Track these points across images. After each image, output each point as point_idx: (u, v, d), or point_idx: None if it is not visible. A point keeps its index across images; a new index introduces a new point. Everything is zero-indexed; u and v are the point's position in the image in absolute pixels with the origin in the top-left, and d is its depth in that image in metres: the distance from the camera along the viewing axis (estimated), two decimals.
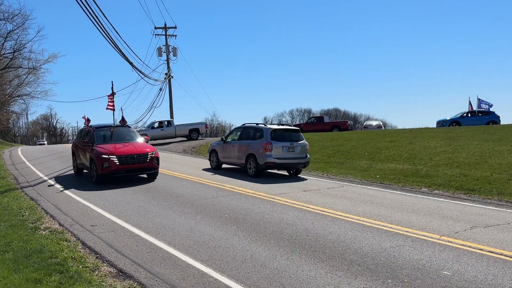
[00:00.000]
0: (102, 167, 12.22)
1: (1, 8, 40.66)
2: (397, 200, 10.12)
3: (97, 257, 6.12)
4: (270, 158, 13.48)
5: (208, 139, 31.29)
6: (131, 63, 20.13)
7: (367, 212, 8.71)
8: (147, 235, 7.10)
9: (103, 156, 12.30)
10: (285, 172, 14.92)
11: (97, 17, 13.54)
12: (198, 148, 25.26)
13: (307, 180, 13.46)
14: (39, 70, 46.34)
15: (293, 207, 9.15)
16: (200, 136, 32.36)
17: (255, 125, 14.89)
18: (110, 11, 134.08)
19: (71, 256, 5.97)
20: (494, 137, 17.87)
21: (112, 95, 18.56)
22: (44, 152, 27.21)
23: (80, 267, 5.59)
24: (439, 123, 30.16)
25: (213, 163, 16.24)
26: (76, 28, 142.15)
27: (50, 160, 20.89)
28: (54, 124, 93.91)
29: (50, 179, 14.10)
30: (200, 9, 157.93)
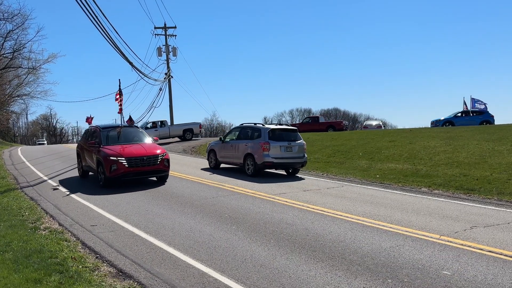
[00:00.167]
0: (110, 169, 11.60)
1: (0, 8, 40.78)
2: (397, 200, 10.13)
3: (97, 257, 6.12)
4: (268, 157, 13.52)
5: (209, 139, 31.30)
6: (130, 63, 20.11)
7: (367, 212, 8.71)
8: (147, 235, 7.10)
9: (111, 158, 11.67)
10: (283, 172, 14.94)
11: (96, 17, 13.54)
12: (198, 148, 25.27)
13: (307, 180, 13.47)
14: (38, 70, 46.34)
15: (293, 207, 9.15)
16: (194, 137, 32.33)
17: (253, 125, 14.95)
18: (110, 11, 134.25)
19: (71, 256, 5.97)
20: (494, 136, 17.87)
21: (120, 95, 17.51)
22: (44, 152, 27.23)
23: (80, 267, 5.59)
24: (433, 123, 30.37)
25: (211, 162, 16.26)
26: (76, 28, 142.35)
27: (50, 160, 20.89)
28: (54, 124, 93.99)
29: (50, 179, 14.09)
30: (200, 9, 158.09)
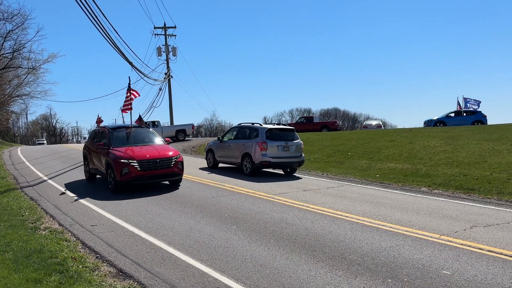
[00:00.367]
0: (121, 173, 10.85)
1: (0, 8, 40.71)
2: (396, 199, 10.13)
3: (97, 257, 6.11)
4: (265, 157, 13.59)
5: (209, 139, 31.30)
6: (130, 62, 20.09)
7: (367, 211, 8.71)
8: (147, 235, 7.10)
9: (122, 161, 10.93)
10: (280, 171, 14.97)
11: (96, 17, 13.54)
12: (198, 148, 25.28)
13: (307, 179, 13.47)
14: (38, 70, 46.32)
15: (293, 207, 9.15)
16: (187, 137, 32.26)
17: (250, 124, 15.01)
18: (109, 11, 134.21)
19: (71, 256, 5.97)
20: (493, 136, 17.89)
21: (129, 93, 16.79)
22: (43, 152, 27.23)
23: (80, 267, 5.59)
24: (425, 123, 30.42)
25: (210, 162, 16.33)
26: (75, 28, 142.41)
27: (50, 160, 20.89)
28: (54, 124, 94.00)
29: (50, 179, 14.09)
30: (200, 9, 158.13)
